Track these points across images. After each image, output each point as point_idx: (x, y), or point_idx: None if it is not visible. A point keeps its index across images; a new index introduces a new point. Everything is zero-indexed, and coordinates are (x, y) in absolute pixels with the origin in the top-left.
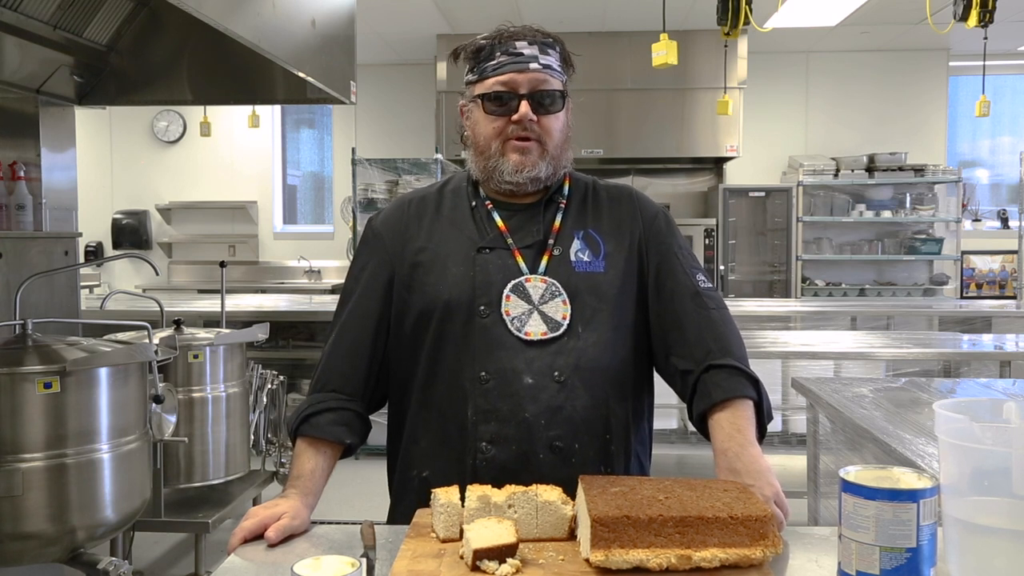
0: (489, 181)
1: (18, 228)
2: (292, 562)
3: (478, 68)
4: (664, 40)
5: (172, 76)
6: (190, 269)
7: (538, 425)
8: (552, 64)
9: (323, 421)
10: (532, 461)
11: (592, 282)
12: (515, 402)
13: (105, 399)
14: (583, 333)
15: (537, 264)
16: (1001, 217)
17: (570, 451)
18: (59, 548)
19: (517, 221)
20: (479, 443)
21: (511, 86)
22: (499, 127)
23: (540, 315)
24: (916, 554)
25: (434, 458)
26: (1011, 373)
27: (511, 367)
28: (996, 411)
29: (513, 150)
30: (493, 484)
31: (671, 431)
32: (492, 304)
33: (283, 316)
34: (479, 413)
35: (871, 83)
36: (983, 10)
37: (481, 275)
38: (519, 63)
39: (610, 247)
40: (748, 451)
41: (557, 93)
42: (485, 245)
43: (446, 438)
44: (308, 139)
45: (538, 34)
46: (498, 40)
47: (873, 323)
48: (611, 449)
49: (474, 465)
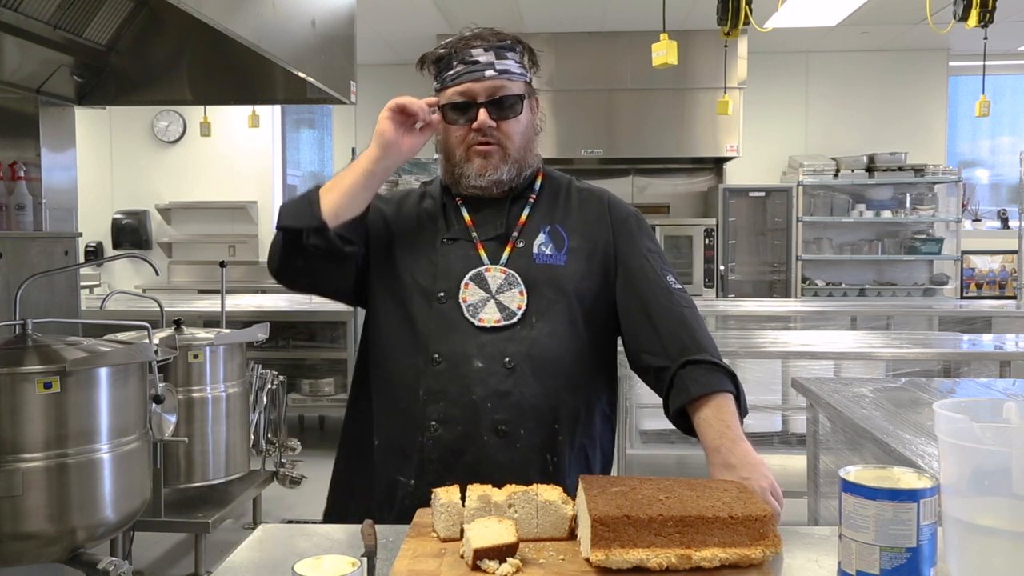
0: (456, 185)
1: (18, 228)
2: (292, 562)
3: (439, 78)
4: (664, 40)
5: (172, 76)
6: (190, 269)
7: (484, 408)
8: (510, 68)
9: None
10: (477, 442)
11: (551, 274)
12: (464, 384)
13: (105, 399)
14: (537, 323)
15: (499, 255)
16: (1001, 217)
17: (515, 436)
18: (59, 548)
19: (484, 215)
20: (428, 422)
21: (469, 95)
22: (461, 135)
23: (496, 303)
24: (916, 554)
25: (386, 432)
26: (1011, 373)
27: (462, 351)
28: (996, 411)
29: (476, 155)
30: (440, 463)
31: (671, 431)
32: (450, 291)
33: (283, 316)
34: (429, 393)
35: (871, 83)
36: (983, 10)
37: (443, 264)
38: (475, 71)
39: (574, 243)
40: (740, 446)
41: (516, 98)
42: (449, 237)
43: (397, 415)
44: (308, 139)
45: (494, 38)
46: (455, 49)
47: (873, 323)
48: (559, 439)
49: (422, 443)
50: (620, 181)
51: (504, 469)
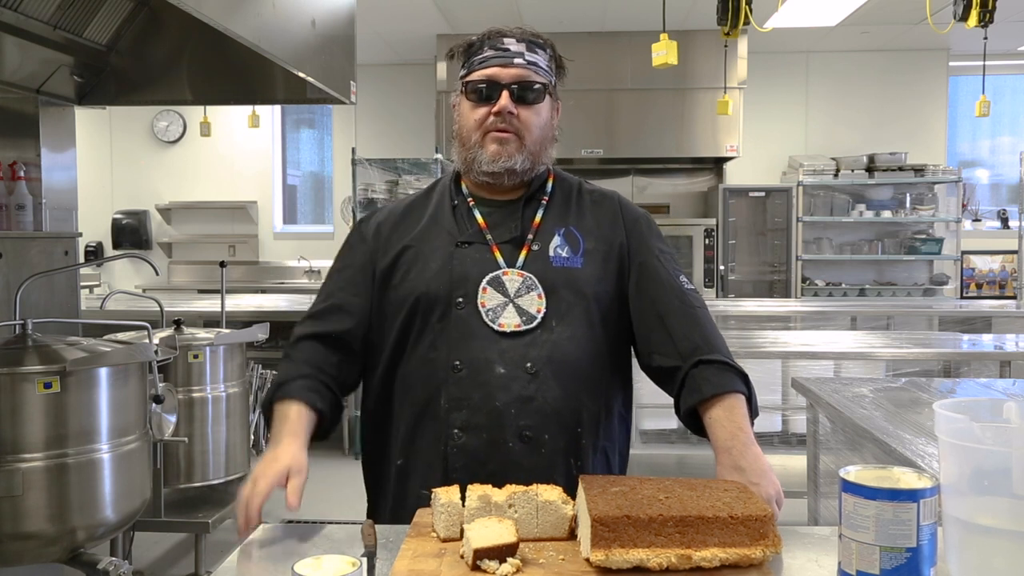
0: (469, 172)
1: (18, 228)
2: (292, 562)
3: (468, 63)
4: (664, 40)
5: (172, 76)
6: (190, 269)
7: (508, 414)
8: (539, 62)
9: (295, 386)
10: (502, 449)
11: (569, 277)
12: (486, 391)
13: (105, 399)
14: (557, 327)
15: (515, 258)
16: (1001, 217)
17: (540, 441)
18: (59, 548)
19: (497, 217)
20: (451, 430)
21: (494, 78)
22: (480, 118)
23: (515, 308)
24: (916, 554)
25: (409, 445)
26: (1011, 373)
27: (484, 357)
28: (996, 411)
29: (492, 140)
30: (465, 471)
31: (671, 431)
32: (468, 296)
33: (283, 316)
34: (451, 401)
35: (871, 83)
36: (983, 10)
37: (459, 268)
38: (504, 57)
39: (590, 245)
40: (751, 450)
41: (539, 86)
42: (464, 240)
43: (420, 426)
44: (308, 139)
45: (528, 33)
46: (487, 36)
47: (873, 323)
48: (582, 442)
49: (446, 452)
50: (620, 181)
51: (529, 475)
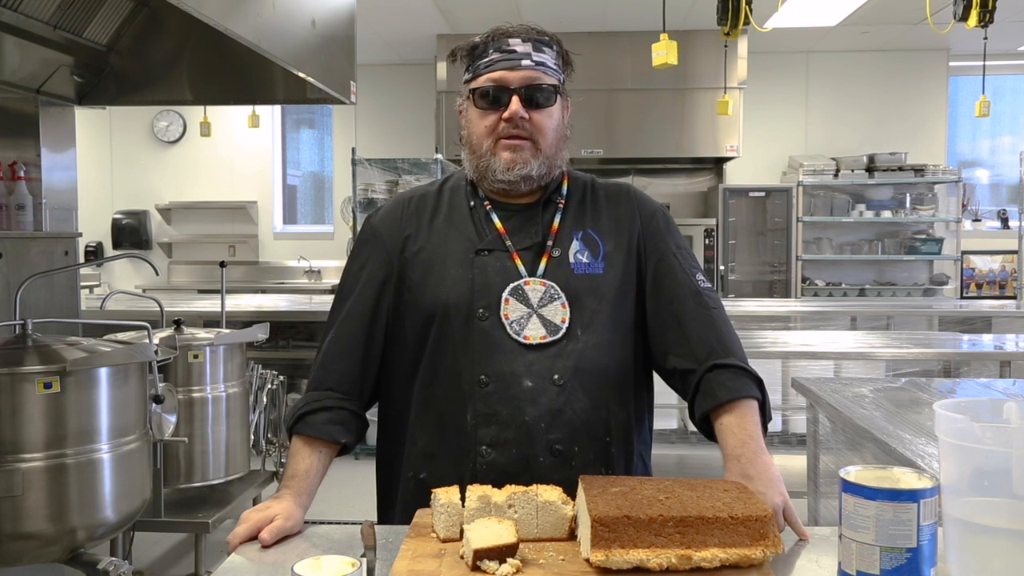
0: (483, 180)
1: (18, 228)
2: (292, 562)
3: (472, 67)
4: (664, 40)
5: (172, 76)
6: (190, 269)
7: (538, 428)
8: (547, 62)
9: (318, 420)
10: (532, 464)
11: (591, 284)
12: (515, 406)
13: (105, 399)
14: (582, 336)
15: (536, 266)
16: (1001, 217)
17: (570, 454)
18: (59, 548)
19: (516, 222)
20: (479, 447)
21: (502, 82)
22: (491, 125)
23: (539, 318)
24: (916, 554)
25: (432, 460)
26: (1011, 373)
27: (510, 371)
28: (996, 411)
29: (504, 148)
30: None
31: (671, 431)
32: (491, 307)
33: (283, 316)
34: (479, 416)
35: (871, 83)
36: (983, 10)
37: (480, 278)
38: (511, 60)
39: (609, 247)
40: (761, 458)
41: (550, 88)
42: (484, 247)
43: (445, 441)
44: (308, 139)
45: (533, 32)
46: (492, 38)
47: (873, 323)
48: (611, 451)
49: (474, 468)
50: (620, 181)
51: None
